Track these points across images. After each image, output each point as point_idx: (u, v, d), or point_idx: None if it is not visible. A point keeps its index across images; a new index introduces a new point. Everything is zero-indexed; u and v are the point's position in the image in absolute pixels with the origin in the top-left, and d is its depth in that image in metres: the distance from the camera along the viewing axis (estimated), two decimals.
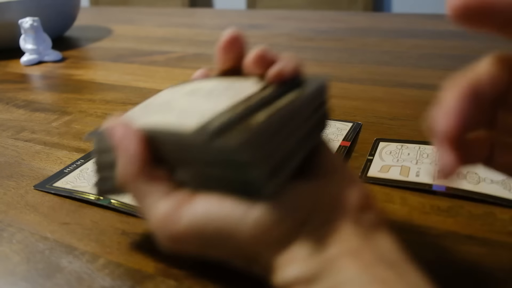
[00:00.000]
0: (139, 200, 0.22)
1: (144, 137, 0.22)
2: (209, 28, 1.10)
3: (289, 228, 0.19)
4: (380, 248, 0.19)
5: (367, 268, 0.18)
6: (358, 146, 0.41)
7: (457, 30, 0.94)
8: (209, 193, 0.21)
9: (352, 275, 0.18)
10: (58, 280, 0.25)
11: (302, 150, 0.22)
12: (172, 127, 0.20)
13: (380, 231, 0.21)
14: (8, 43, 0.83)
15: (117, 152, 0.22)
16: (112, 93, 0.60)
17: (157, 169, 0.22)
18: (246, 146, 0.18)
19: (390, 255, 0.19)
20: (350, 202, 0.21)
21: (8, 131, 0.48)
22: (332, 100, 0.54)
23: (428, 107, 0.21)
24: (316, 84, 0.24)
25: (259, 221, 0.19)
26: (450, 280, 0.24)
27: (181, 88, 0.27)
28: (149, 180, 0.21)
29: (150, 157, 0.22)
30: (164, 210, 0.21)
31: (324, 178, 0.22)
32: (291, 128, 0.21)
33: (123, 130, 0.22)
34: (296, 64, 0.24)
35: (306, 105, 0.23)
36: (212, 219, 0.20)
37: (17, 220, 0.32)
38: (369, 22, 1.10)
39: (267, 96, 0.22)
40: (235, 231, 0.19)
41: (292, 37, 0.93)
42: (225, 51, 0.27)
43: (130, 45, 0.92)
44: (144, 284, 0.25)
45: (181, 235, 0.20)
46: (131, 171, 0.22)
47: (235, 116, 0.20)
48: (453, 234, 0.28)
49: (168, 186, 0.21)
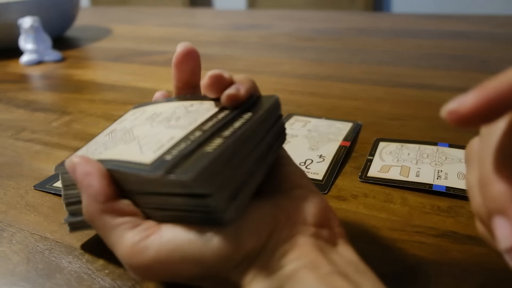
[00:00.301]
0: (106, 235, 0.22)
1: (106, 172, 0.22)
2: (209, 28, 1.10)
3: (252, 249, 0.20)
4: (337, 261, 0.20)
5: (323, 279, 0.19)
6: (358, 146, 0.41)
7: (457, 30, 0.94)
8: (174, 222, 0.21)
9: (310, 286, 0.19)
10: (58, 280, 0.25)
11: (261, 168, 0.23)
12: (130, 163, 0.21)
13: (338, 244, 0.22)
14: (8, 43, 0.83)
15: (81, 189, 0.23)
16: (112, 93, 0.60)
17: (121, 202, 0.22)
18: (201, 178, 0.19)
19: (346, 267, 0.20)
20: (309, 218, 0.22)
21: (8, 131, 0.48)
22: (332, 100, 0.54)
23: (428, 107, 0.21)
24: (268, 102, 0.24)
25: (222, 246, 0.20)
26: (450, 280, 0.24)
27: (142, 112, 0.28)
28: (114, 215, 0.22)
29: (114, 191, 0.22)
30: (131, 241, 0.21)
31: (284, 194, 0.23)
32: (248, 149, 0.22)
33: (85, 167, 0.23)
34: (249, 86, 0.25)
35: (261, 125, 0.23)
36: (178, 246, 0.20)
37: (17, 220, 0.32)
38: (369, 22, 1.10)
39: (222, 120, 0.23)
40: (201, 257, 0.20)
41: (292, 37, 0.93)
42: (178, 66, 0.27)
43: (130, 45, 0.92)
44: (144, 284, 0.25)
45: (149, 264, 0.21)
46: (95, 208, 0.22)
47: (190, 146, 0.20)
48: (453, 234, 0.28)
49: (133, 218, 0.22)
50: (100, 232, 0.22)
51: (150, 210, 0.22)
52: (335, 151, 0.39)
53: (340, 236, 0.22)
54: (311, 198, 0.23)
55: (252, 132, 0.22)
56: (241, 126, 0.22)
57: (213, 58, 0.77)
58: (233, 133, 0.21)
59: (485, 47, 0.77)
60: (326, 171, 0.36)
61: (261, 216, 0.21)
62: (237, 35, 0.99)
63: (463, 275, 0.25)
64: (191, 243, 0.20)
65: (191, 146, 0.20)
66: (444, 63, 0.68)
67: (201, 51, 0.27)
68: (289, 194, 0.23)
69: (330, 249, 0.21)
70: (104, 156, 0.23)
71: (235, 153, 0.21)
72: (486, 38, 0.85)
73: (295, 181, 0.24)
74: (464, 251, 0.26)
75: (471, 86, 0.16)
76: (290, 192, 0.23)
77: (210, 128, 0.22)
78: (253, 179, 0.22)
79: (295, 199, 0.23)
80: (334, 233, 0.22)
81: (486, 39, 0.84)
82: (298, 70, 0.68)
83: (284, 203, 0.22)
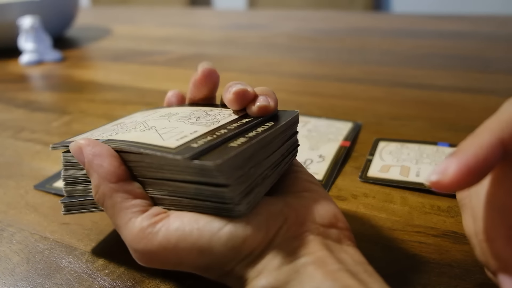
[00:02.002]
0: (114, 216, 0.22)
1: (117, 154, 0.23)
2: (209, 28, 1.10)
3: (260, 243, 0.20)
4: (346, 260, 0.20)
5: (331, 275, 0.19)
6: (358, 146, 0.41)
7: (457, 30, 0.94)
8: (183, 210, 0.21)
9: (318, 281, 0.19)
10: (58, 280, 0.25)
11: (273, 175, 0.24)
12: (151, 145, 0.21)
13: (346, 245, 0.22)
14: (8, 43, 0.83)
15: (90, 170, 0.23)
16: (112, 93, 0.60)
17: (133, 184, 0.22)
18: (224, 167, 0.19)
19: (355, 267, 0.20)
20: (318, 218, 0.22)
21: (8, 131, 0.48)
22: (332, 100, 0.54)
23: (428, 107, 0.21)
24: (288, 116, 0.26)
25: (231, 237, 0.20)
26: (450, 280, 0.24)
27: (154, 112, 0.28)
28: (125, 196, 0.22)
29: (125, 172, 0.22)
30: (139, 226, 0.21)
31: (294, 195, 0.23)
32: (266, 154, 0.23)
33: (94, 148, 0.23)
34: (276, 99, 0.26)
35: (280, 134, 0.24)
36: (186, 234, 0.20)
37: (17, 220, 0.32)
38: (369, 22, 1.10)
39: (246, 124, 0.24)
40: (208, 247, 0.20)
41: (292, 37, 0.93)
42: (200, 85, 0.28)
43: (130, 45, 0.92)
44: (144, 284, 0.25)
45: (155, 250, 0.21)
46: (107, 187, 0.22)
47: (216, 139, 0.21)
48: (453, 234, 0.28)
49: (143, 202, 0.22)
50: (109, 212, 0.22)
51: (160, 196, 0.22)
52: (335, 151, 0.39)
53: (348, 238, 0.22)
54: (321, 200, 0.23)
55: (272, 138, 0.23)
56: (264, 131, 0.23)
57: (213, 58, 0.77)
58: (257, 135, 0.22)
59: (485, 47, 0.77)
60: (326, 171, 0.36)
61: (270, 211, 0.21)
62: (237, 35, 0.99)
63: (463, 275, 0.25)
64: (201, 232, 0.20)
65: (218, 139, 0.21)
66: (444, 63, 0.68)
67: (201, 51, 0.28)
68: (300, 195, 0.23)
69: (339, 248, 0.21)
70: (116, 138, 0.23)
71: (255, 154, 0.22)
72: (486, 38, 0.85)
73: (306, 185, 0.24)
74: (464, 251, 0.26)
75: (471, 86, 0.16)
76: (301, 194, 0.24)
77: (235, 129, 0.23)
78: (266, 182, 0.23)
79: (305, 199, 0.23)
80: (342, 235, 0.22)
81: (486, 39, 0.84)
82: (298, 70, 0.68)
83: (294, 202, 0.23)
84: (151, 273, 0.25)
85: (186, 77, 0.66)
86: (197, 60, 0.76)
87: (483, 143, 0.17)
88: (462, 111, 0.48)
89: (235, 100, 0.25)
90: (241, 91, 0.25)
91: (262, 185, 0.22)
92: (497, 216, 0.19)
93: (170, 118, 0.26)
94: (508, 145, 0.18)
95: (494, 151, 0.17)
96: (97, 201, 0.23)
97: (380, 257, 0.26)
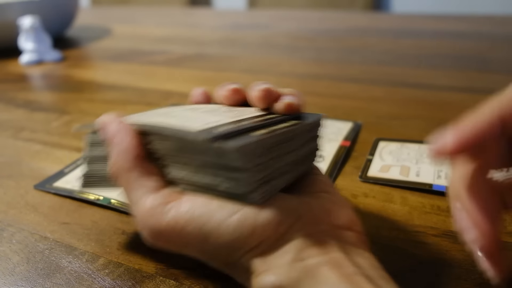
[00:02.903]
0: (128, 193, 0.23)
1: (139, 133, 0.23)
2: (209, 28, 1.10)
3: (270, 236, 0.20)
4: (362, 264, 0.20)
5: (348, 278, 0.18)
6: (358, 146, 0.41)
7: (457, 30, 0.94)
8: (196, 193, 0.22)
9: (332, 283, 0.18)
10: (58, 280, 0.25)
11: (291, 172, 0.24)
12: (174, 127, 0.21)
13: (361, 249, 0.21)
14: (8, 43, 0.83)
15: (111, 145, 0.23)
16: (112, 93, 0.60)
17: (149, 164, 0.23)
18: (243, 151, 0.19)
19: (370, 271, 0.20)
20: (335, 219, 0.22)
21: (8, 131, 0.48)
22: (332, 100, 0.54)
23: (428, 107, 0.22)
24: (313, 118, 0.26)
25: (240, 225, 0.20)
26: (450, 280, 0.24)
27: (176, 107, 0.28)
28: (140, 173, 0.22)
29: (143, 152, 0.23)
30: (151, 204, 0.21)
31: (312, 196, 0.23)
32: (285, 150, 0.23)
33: (118, 125, 0.23)
34: (302, 99, 0.26)
35: (301, 134, 0.25)
36: (195, 217, 0.20)
37: (17, 220, 0.32)
38: (369, 22, 1.10)
39: (270, 119, 0.24)
40: (216, 232, 0.20)
41: (292, 37, 0.93)
42: (228, 99, 0.28)
43: (130, 45, 0.92)
44: (144, 284, 0.25)
45: (163, 230, 0.21)
46: (125, 162, 0.22)
47: (237, 128, 0.21)
48: (453, 234, 0.28)
49: (158, 182, 0.22)
50: (124, 187, 0.23)
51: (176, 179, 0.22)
52: (335, 151, 0.39)
53: (363, 243, 0.22)
54: (338, 202, 0.23)
55: (294, 134, 0.24)
56: (287, 127, 0.23)
57: (213, 58, 0.77)
58: (279, 129, 0.22)
59: (485, 47, 0.77)
60: (326, 171, 0.36)
61: (284, 206, 0.21)
62: (237, 35, 0.99)
63: (463, 275, 0.25)
64: (211, 216, 0.20)
65: (240, 128, 0.21)
66: (444, 63, 0.68)
67: (201, 51, 0.28)
68: (317, 195, 0.23)
69: (354, 251, 0.21)
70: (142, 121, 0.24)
71: (277, 146, 0.22)
72: (486, 38, 0.84)
73: (324, 187, 0.24)
74: (464, 251, 0.26)
75: (471, 86, 0.17)
76: (318, 194, 0.23)
77: (259, 122, 0.23)
78: (284, 178, 0.23)
79: (322, 199, 0.23)
80: (358, 239, 0.22)
81: (486, 39, 0.84)
82: (298, 70, 0.68)
83: (311, 201, 0.22)
84: (151, 273, 0.26)
85: (186, 77, 0.66)
86: (197, 60, 0.76)
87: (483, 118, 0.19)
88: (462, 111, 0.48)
89: (262, 97, 0.25)
90: (268, 88, 0.26)
91: (279, 179, 0.22)
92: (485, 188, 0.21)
93: (194, 111, 0.26)
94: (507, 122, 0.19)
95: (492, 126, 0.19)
96: (112, 175, 0.23)
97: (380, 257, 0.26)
